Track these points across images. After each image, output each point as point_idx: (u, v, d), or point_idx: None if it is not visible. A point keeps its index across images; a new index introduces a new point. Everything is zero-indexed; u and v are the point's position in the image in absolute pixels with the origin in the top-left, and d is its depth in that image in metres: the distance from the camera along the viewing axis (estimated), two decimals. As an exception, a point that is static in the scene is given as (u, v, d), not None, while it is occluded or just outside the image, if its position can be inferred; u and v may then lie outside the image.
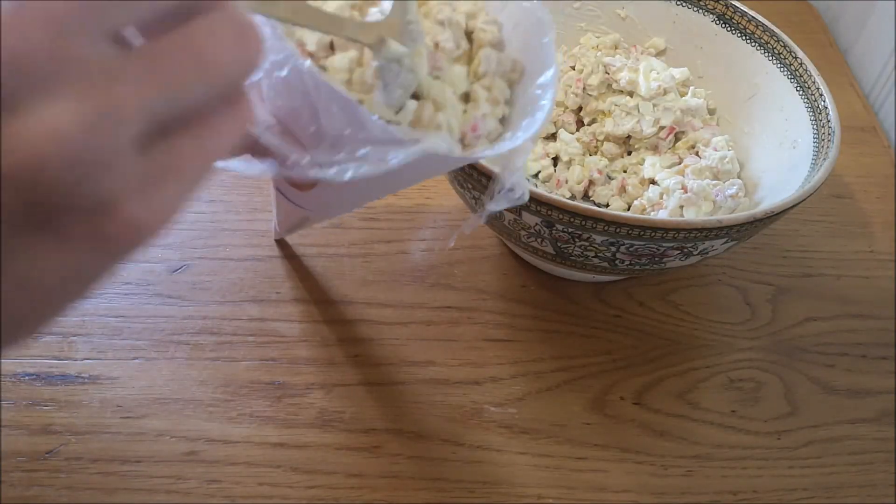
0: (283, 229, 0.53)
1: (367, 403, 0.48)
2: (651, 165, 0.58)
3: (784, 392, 0.52)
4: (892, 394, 0.52)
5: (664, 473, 0.47)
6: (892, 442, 0.50)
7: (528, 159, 0.59)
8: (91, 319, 0.50)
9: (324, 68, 0.36)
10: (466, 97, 0.40)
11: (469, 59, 0.40)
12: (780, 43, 0.58)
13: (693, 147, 0.58)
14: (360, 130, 0.32)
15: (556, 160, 0.60)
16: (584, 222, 0.44)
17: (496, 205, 0.37)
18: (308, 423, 0.47)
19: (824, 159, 0.50)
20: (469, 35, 0.40)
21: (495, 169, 0.38)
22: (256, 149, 0.33)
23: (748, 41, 0.59)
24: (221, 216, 0.56)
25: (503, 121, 0.40)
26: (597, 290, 0.55)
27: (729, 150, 0.57)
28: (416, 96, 0.37)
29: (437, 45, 0.39)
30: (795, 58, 0.57)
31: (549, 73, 0.38)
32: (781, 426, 0.50)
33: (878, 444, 0.50)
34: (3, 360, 0.47)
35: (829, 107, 0.53)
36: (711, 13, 0.61)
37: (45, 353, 0.48)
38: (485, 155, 0.38)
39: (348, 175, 0.32)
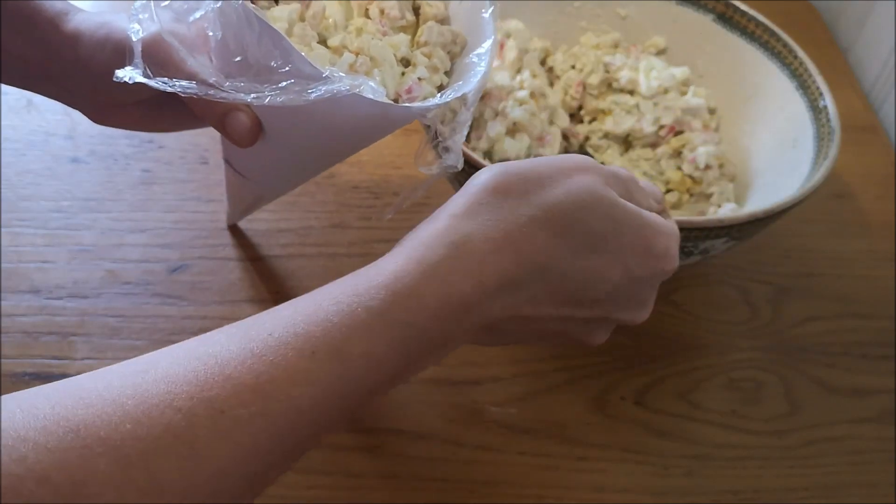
0: (235, 210, 0.53)
1: (367, 403, 0.48)
2: (611, 155, 0.59)
3: (784, 392, 0.51)
4: (893, 394, 0.52)
5: (665, 473, 0.47)
6: (892, 442, 0.50)
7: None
8: (90, 319, 0.50)
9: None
10: (407, 64, 0.42)
11: (414, 30, 0.43)
12: (780, 43, 0.58)
13: (682, 146, 0.58)
14: (286, 63, 0.34)
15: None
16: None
17: (430, 169, 0.39)
18: (308, 423, 0.46)
19: (824, 159, 0.50)
20: (416, 10, 0.43)
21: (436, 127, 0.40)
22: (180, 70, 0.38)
23: (748, 41, 0.59)
24: (221, 216, 0.56)
25: (441, 89, 0.42)
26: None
27: (705, 165, 0.57)
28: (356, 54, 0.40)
29: (382, 11, 0.41)
30: (795, 57, 0.57)
31: (487, 44, 0.41)
32: (782, 426, 0.50)
33: (879, 443, 0.50)
34: (3, 360, 0.47)
35: (829, 106, 0.53)
36: (711, 13, 0.61)
37: (44, 353, 0.48)
38: (413, 107, 0.39)
39: (266, 100, 0.34)
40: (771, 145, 0.57)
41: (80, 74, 0.43)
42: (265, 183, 0.48)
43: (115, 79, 0.37)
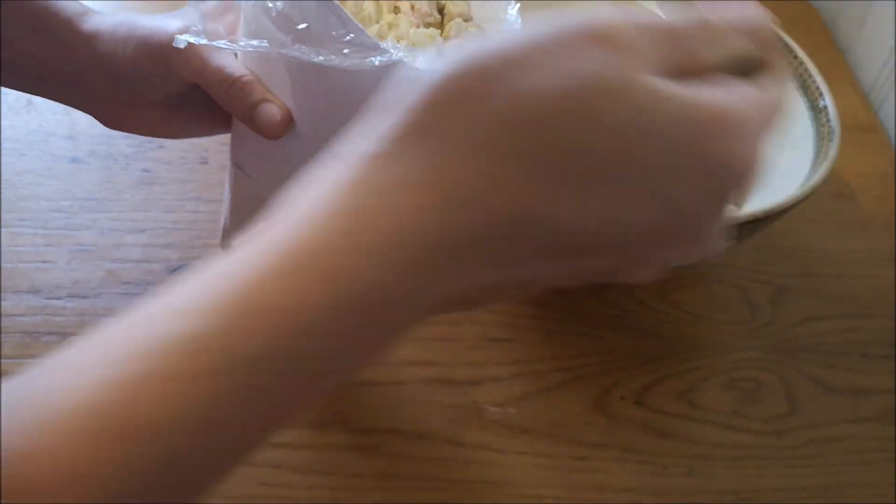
0: (235, 222, 0.52)
1: (367, 403, 0.48)
2: None
3: (784, 392, 0.51)
4: (893, 393, 0.52)
5: (665, 473, 0.47)
6: (892, 441, 0.50)
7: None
8: (90, 319, 0.50)
9: None
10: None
11: (439, 29, 0.44)
12: (780, 42, 0.58)
13: None
14: (347, 33, 0.36)
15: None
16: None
17: None
18: (308, 423, 0.46)
19: (824, 159, 0.50)
20: (441, 10, 0.45)
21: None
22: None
23: (748, 41, 0.59)
24: (221, 216, 0.56)
25: None
26: (597, 289, 0.55)
27: None
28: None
29: (413, 6, 0.43)
30: (795, 57, 0.57)
31: None
32: (782, 426, 0.50)
33: (878, 443, 0.50)
34: (3, 360, 0.47)
35: (829, 106, 0.53)
36: (711, 13, 0.61)
37: (44, 353, 0.48)
38: None
39: (334, 62, 0.36)
40: (771, 145, 0.57)
41: (96, 74, 0.43)
42: (278, 185, 0.48)
43: (174, 44, 0.38)
